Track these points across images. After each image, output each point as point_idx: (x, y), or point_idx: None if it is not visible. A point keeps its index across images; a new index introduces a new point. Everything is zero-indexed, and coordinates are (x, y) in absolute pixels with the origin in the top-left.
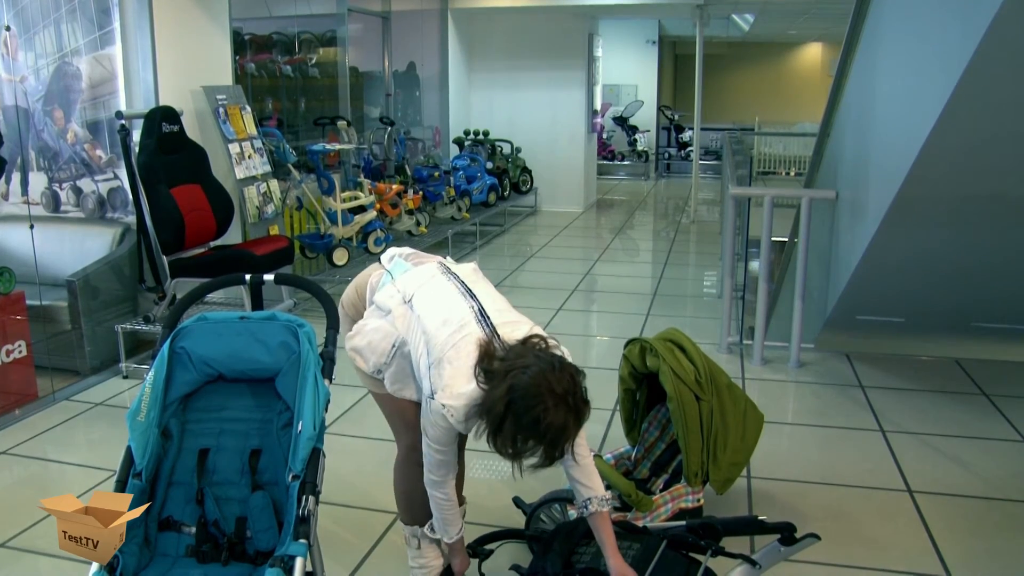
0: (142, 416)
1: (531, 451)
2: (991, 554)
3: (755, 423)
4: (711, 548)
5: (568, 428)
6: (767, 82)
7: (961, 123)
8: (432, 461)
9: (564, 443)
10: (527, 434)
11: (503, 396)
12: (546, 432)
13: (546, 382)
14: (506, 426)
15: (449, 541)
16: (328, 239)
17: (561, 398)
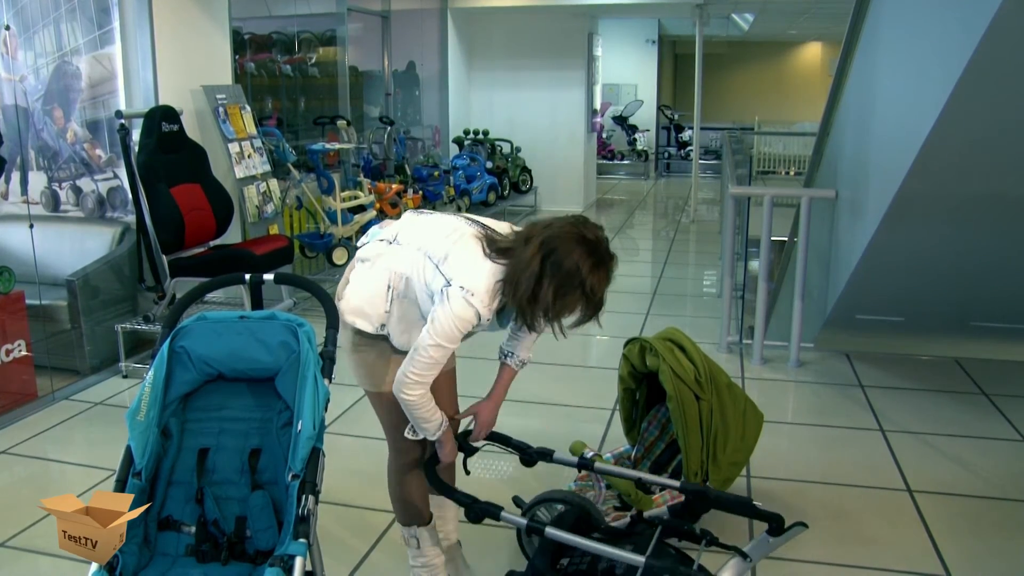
0: (142, 415)
1: (571, 306)
2: (991, 553)
3: (755, 422)
4: (705, 539)
5: (606, 273)
6: (767, 81)
7: (961, 122)
8: (425, 362)
9: (603, 289)
10: (567, 286)
11: (536, 252)
12: (587, 278)
13: (576, 231)
14: (544, 283)
15: (432, 438)
16: (328, 238)
17: (595, 245)
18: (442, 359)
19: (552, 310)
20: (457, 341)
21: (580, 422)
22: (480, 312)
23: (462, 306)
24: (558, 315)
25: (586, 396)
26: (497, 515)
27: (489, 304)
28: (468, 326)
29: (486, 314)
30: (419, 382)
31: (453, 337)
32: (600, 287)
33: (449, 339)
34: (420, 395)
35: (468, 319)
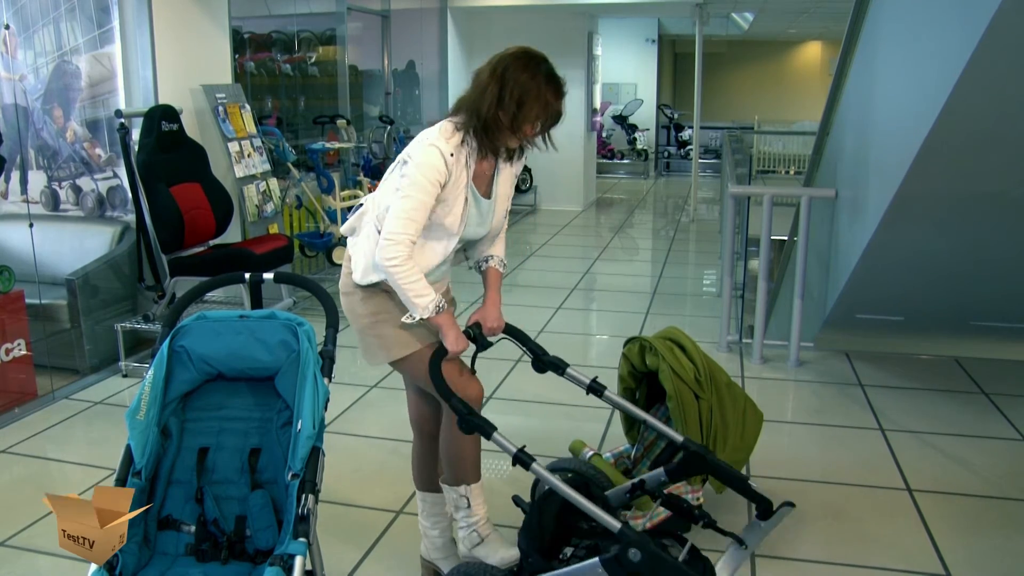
0: (141, 415)
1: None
2: (990, 552)
3: (754, 422)
4: (703, 520)
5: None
6: (766, 80)
7: (960, 121)
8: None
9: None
10: (526, 94)
11: (491, 75)
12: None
13: (523, 51)
14: (505, 98)
15: (428, 315)
16: (327, 238)
17: (542, 59)
18: (415, 213)
19: (516, 122)
20: (428, 193)
21: (580, 421)
22: (441, 149)
23: (423, 151)
24: (521, 126)
25: (586, 395)
26: (489, 434)
27: (449, 139)
28: (435, 172)
29: (447, 149)
30: (394, 240)
31: (422, 186)
32: (556, 94)
33: (419, 188)
34: (398, 255)
35: (433, 163)
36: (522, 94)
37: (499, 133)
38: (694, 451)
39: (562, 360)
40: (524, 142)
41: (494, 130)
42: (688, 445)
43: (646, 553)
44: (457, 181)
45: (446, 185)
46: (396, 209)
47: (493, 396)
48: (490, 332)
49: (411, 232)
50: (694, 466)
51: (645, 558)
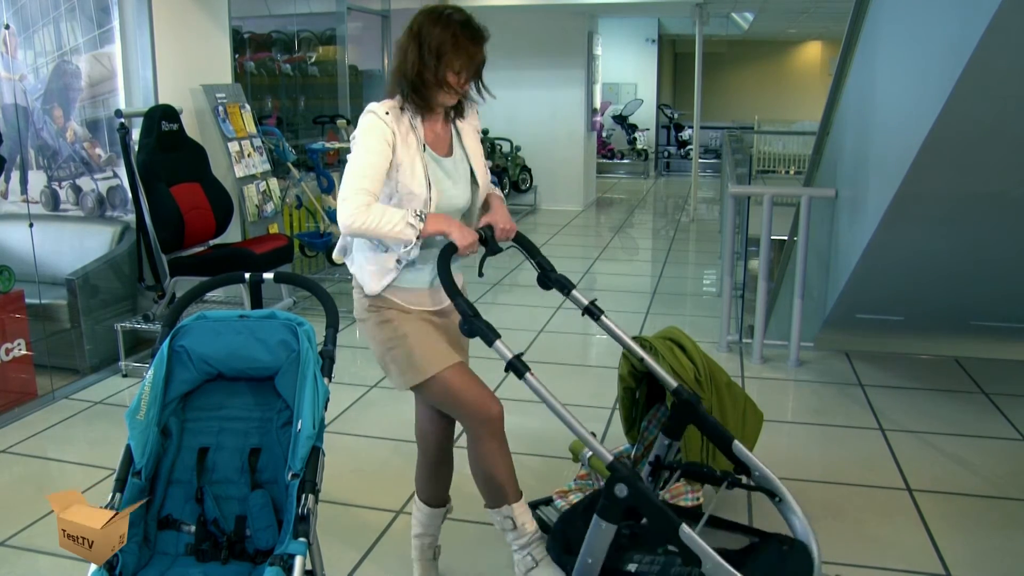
0: (141, 414)
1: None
2: (990, 552)
3: (754, 421)
4: (727, 480)
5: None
6: (766, 80)
7: (961, 121)
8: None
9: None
10: (443, 45)
11: (409, 34)
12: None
13: (435, 7)
14: (423, 53)
15: (419, 229)
16: (327, 237)
17: (454, 11)
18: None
19: (439, 76)
20: (374, 151)
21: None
22: (375, 111)
23: (360, 121)
24: (445, 79)
25: (586, 395)
26: (491, 340)
27: (381, 105)
28: (376, 131)
29: (381, 110)
30: (345, 198)
31: (366, 145)
32: (473, 40)
33: (363, 148)
34: (354, 212)
35: (370, 124)
36: (439, 46)
37: (428, 90)
38: (685, 399)
39: (568, 280)
40: (460, 96)
41: (422, 88)
42: (680, 392)
43: (633, 489)
44: (406, 142)
45: (396, 146)
46: (346, 175)
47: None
48: (503, 234)
49: (362, 186)
50: (684, 414)
51: (631, 493)
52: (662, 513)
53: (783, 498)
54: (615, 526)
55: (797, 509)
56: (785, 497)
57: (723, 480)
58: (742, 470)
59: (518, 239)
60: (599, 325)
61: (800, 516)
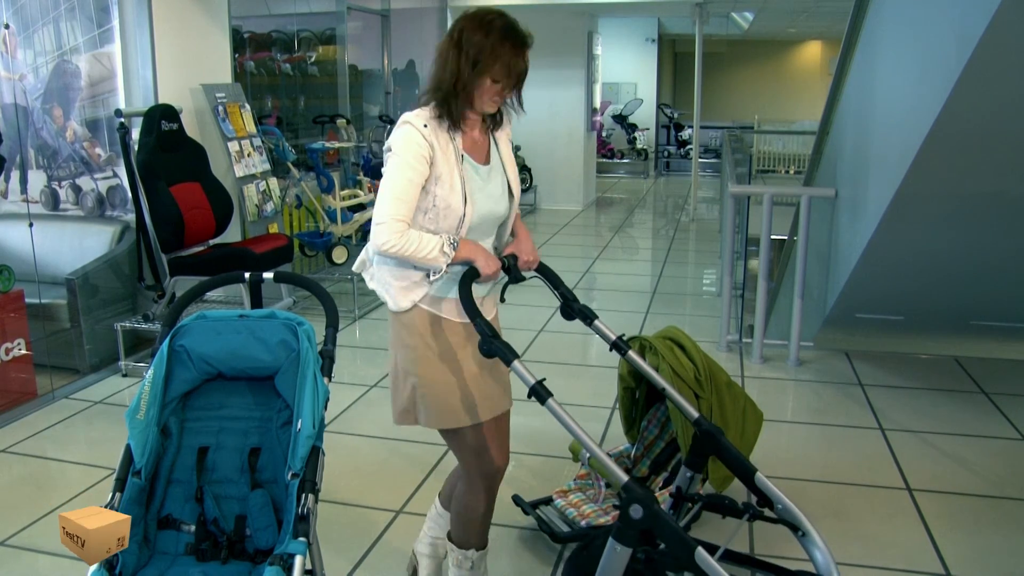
0: (141, 414)
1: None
2: (990, 552)
3: (754, 421)
4: (748, 512)
5: (517, 41)
6: (766, 80)
7: (960, 121)
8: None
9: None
10: (481, 54)
11: (450, 41)
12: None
13: (478, 11)
14: (461, 61)
15: (451, 256)
16: (327, 237)
17: (498, 17)
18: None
19: (473, 82)
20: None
21: (580, 420)
22: (414, 123)
23: (398, 133)
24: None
25: (586, 395)
26: (509, 360)
27: (419, 115)
28: (415, 147)
29: (420, 122)
30: (383, 222)
31: (405, 162)
32: (515, 49)
33: (402, 165)
34: (390, 237)
35: (409, 138)
36: (477, 54)
37: (466, 99)
38: (706, 429)
39: (591, 310)
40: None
41: (461, 97)
42: (701, 423)
43: (648, 511)
44: (445, 153)
45: (434, 160)
46: (383, 192)
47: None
48: (525, 265)
49: (400, 212)
50: (706, 445)
51: (646, 515)
52: (677, 536)
53: (806, 532)
54: (630, 549)
55: (821, 543)
56: (808, 531)
57: (745, 512)
58: (764, 502)
59: (541, 270)
60: (626, 360)
61: (824, 551)
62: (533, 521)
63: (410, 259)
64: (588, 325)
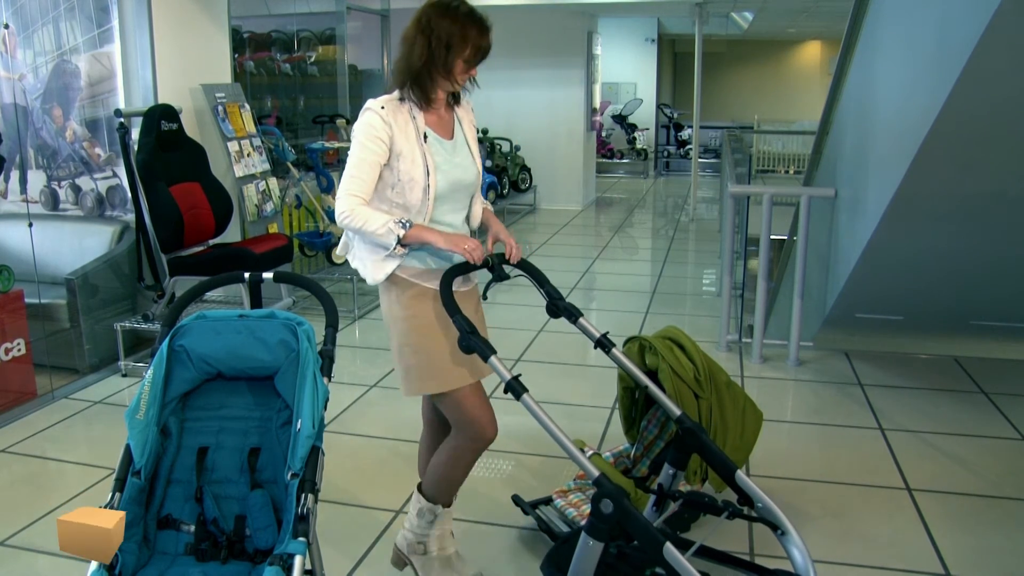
0: (141, 414)
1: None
2: (989, 552)
3: (754, 421)
4: (728, 511)
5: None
6: (766, 80)
7: (960, 121)
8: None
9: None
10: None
11: (416, 27)
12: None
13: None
14: (432, 43)
15: (401, 234)
16: (327, 237)
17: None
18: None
19: (448, 66)
20: (369, 149)
21: (580, 420)
22: (372, 108)
23: (359, 118)
24: (453, 69)
25: (585, 394)
26: (487, 356)
27: (378, 100)
28: (371, 129)
29: (378, 105)
30: (342, 197)
31: (361, 143)
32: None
33: (359, 146)
34: (347, 208)
35: (367, 121)
36: (448, 38)
37: (434, 80)
38: (688, 427)
39: (576, 308)
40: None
41: (428, 79)
42: (683, 420)
43: (618, 506)
44: (405, 132)
45: (393, 139)
46: (345, 172)
47: (492, 395)
48: (513, 247)
49: (354, 188)
50: (688, 443)
51: (615, 511)
52: (647, 531)
53: (786, 531)
54: (602, 544)
55: (800, 542)
56: (788, 530)
57: (724, 510)
58: (745, 500)
59: (526, 268)
60: (610, 358)
61: (802, 550)
62: (533, 521)
63: (363, 233)
64: (573, 323)
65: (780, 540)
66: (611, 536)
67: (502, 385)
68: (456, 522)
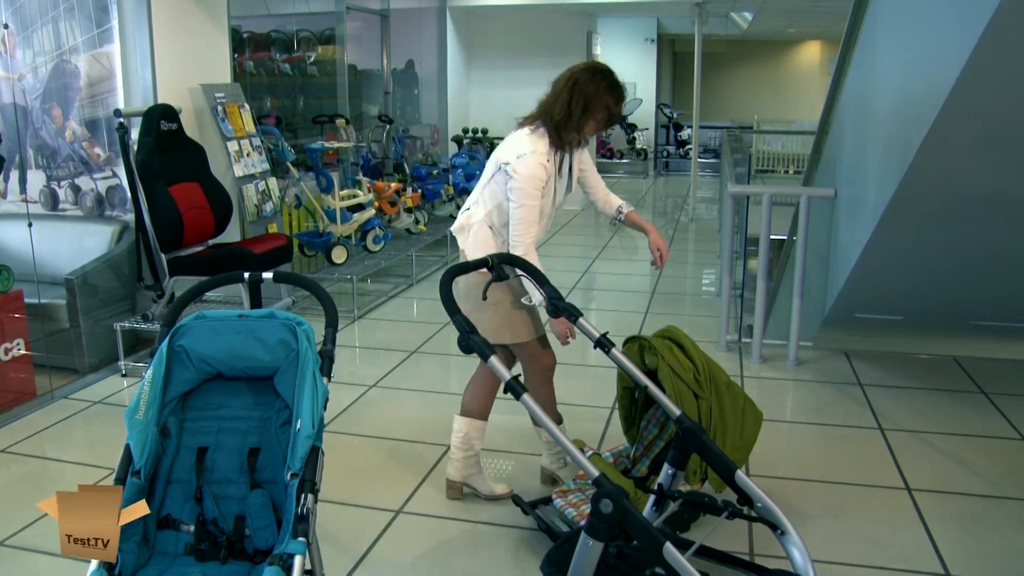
0: (141, 414)
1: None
2: (989, 552)
3: (754, 421)
4: (727, 511)
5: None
6: (766, 80)
7: (959, 121)
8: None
9: (619, 104)
10: (592, 100)
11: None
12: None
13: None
14: (572, 103)
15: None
16: (327, 237)
17: (608, 71)
18: (531, 216)
19: (580, 123)
20: (537, 198)
21: (579, 420)
22: (541, 161)
23: (527, 165)
24: (584, 127)
25: (585, 394)
26: (487, 356)
27: (538, 146)
28: (539, 181)
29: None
30: (521, 241)
31: (532, 194)
32: (616, 100)
33: (530, 196)
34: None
35: (536, 175)
36: (587, 101)
37: (567, 132)
38: (688, 427)
39: (576, 308)
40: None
41: (563, 129)
42: (683, 420)
43: (617, 506)
44: (551, 176)
45: (546, 183)
46: (516, 219)
47: None
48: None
49: (532, 233)
50: (688, 443)
51: (616, 510)
52: (647, 531)
53: (786, 531)
54: (602, 544)
55: (799, 542)
56: (788, 530)
57: (724, 510)
58: (745, 500)
59: (526, 268)
60: (610, 357)
61: (802, 550)
62: (533, 521)
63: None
64: (573, 323)
65: (780, 540)
66: (611, 536)
67: (502, 385)
68: (456, 522)
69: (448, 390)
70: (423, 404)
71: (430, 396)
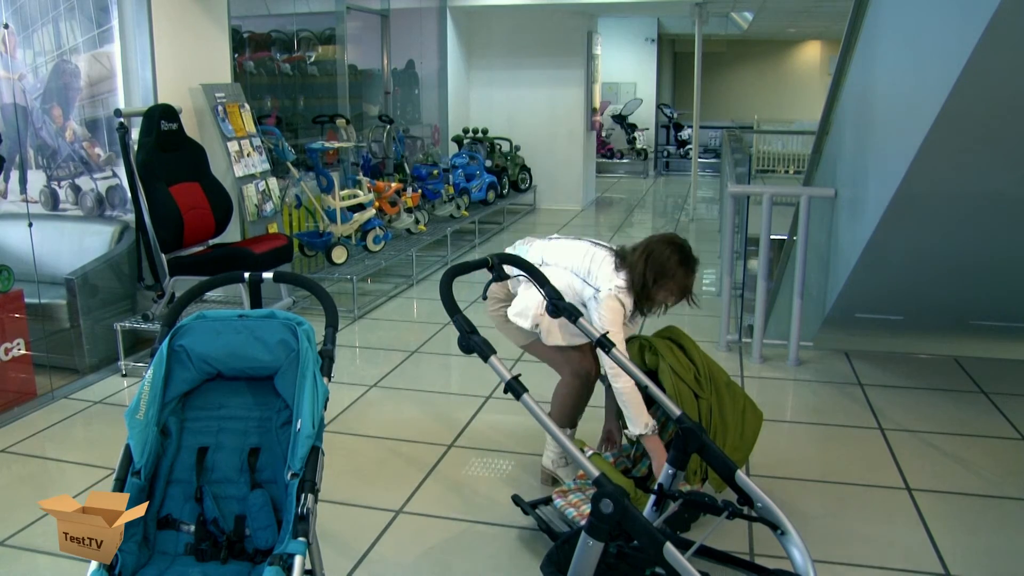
0: (141, 414)
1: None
2: (989, 552)
3: (754, 421)
4: (727, 511)
5: (691, 267)
6: (766, 80)
7: (960, 121)
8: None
9: (690, 279)
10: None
11: (640, 256)
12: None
13: (668, 238)
14: (647, 275)
15: (644, 432)
16: (327, 237)
17: (681, 246)
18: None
19: (651, 293)
20: (621, 327)
21: (580, 420)
22: (624, 302)
23: (616, 301)
24: (654, 295)
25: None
26: (487, 356)
27: (628, 295)
28: (622, 315)
29: (629, 304)
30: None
31: (617, 323)
32: (686, 273)
33: (615, 325)
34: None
35: (620, 309)
36: (659, 271)
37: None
38: (688, 427)
39: (576, 308)
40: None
41: (641, 297)
42: (683, 420)
43: (618, 506)
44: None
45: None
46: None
47: (492, 395)
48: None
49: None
50: (688, 443)
51: (616, 510)
52: (647, 531)
53: (786, 531)
54: (602, 544)
55: (800, 542)
56: (788, 530)
57: (724, 510)
58: (745, 500)
59: (526, 268)
60: (610, 357)
61: (802, 550)
62: (533, 521)
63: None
64: (573, 323)
65: (780, 540)
66: (611, 536)
67: (502, 385)
68: (456, 522)
69: (448, 390)
70: (423, 404)
71: (430, 396)
